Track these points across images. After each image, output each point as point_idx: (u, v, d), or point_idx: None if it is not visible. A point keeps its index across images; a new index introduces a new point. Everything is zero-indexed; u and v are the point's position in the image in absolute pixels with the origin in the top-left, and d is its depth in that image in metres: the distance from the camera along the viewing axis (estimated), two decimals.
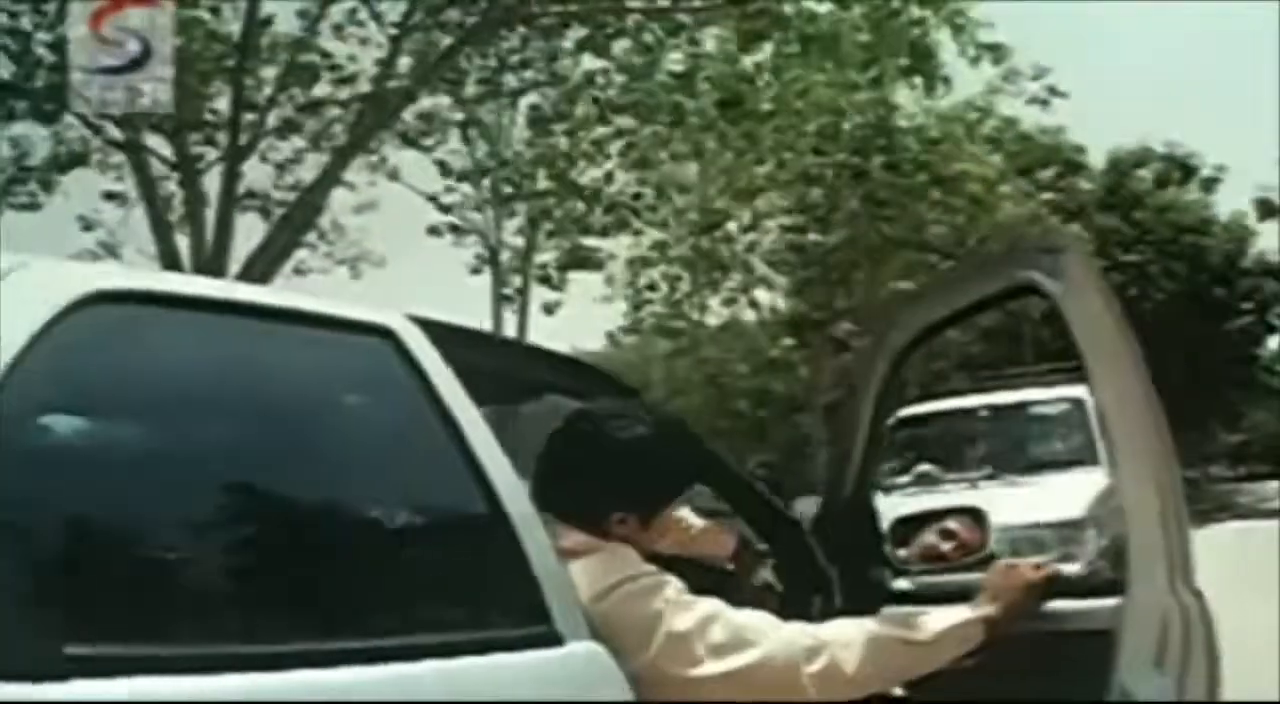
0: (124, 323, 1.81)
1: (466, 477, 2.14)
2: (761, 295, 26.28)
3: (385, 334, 2.16)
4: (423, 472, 2.22)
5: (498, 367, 2.75)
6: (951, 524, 3.58)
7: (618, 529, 2.55)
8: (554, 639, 2.14)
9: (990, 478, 11.29)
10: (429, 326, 2.26)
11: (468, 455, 2.15)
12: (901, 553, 3.47)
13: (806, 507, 3.60)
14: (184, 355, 1.92)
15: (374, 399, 2.21)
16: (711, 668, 2.36)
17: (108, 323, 1.77)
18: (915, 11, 14.16)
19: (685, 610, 2.39)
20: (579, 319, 20.96)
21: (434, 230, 19.65)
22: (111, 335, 1.78)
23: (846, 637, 2.48)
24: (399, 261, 19.97)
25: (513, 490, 2.19)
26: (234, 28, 14.05)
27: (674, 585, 2.43)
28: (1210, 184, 35.86)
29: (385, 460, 2.17)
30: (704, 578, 2.62)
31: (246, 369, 2.00)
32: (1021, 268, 2.94)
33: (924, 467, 11.68)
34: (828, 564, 3.28)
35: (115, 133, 13.98)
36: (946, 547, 3.48)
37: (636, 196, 18.25)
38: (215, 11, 13.86)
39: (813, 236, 23.67)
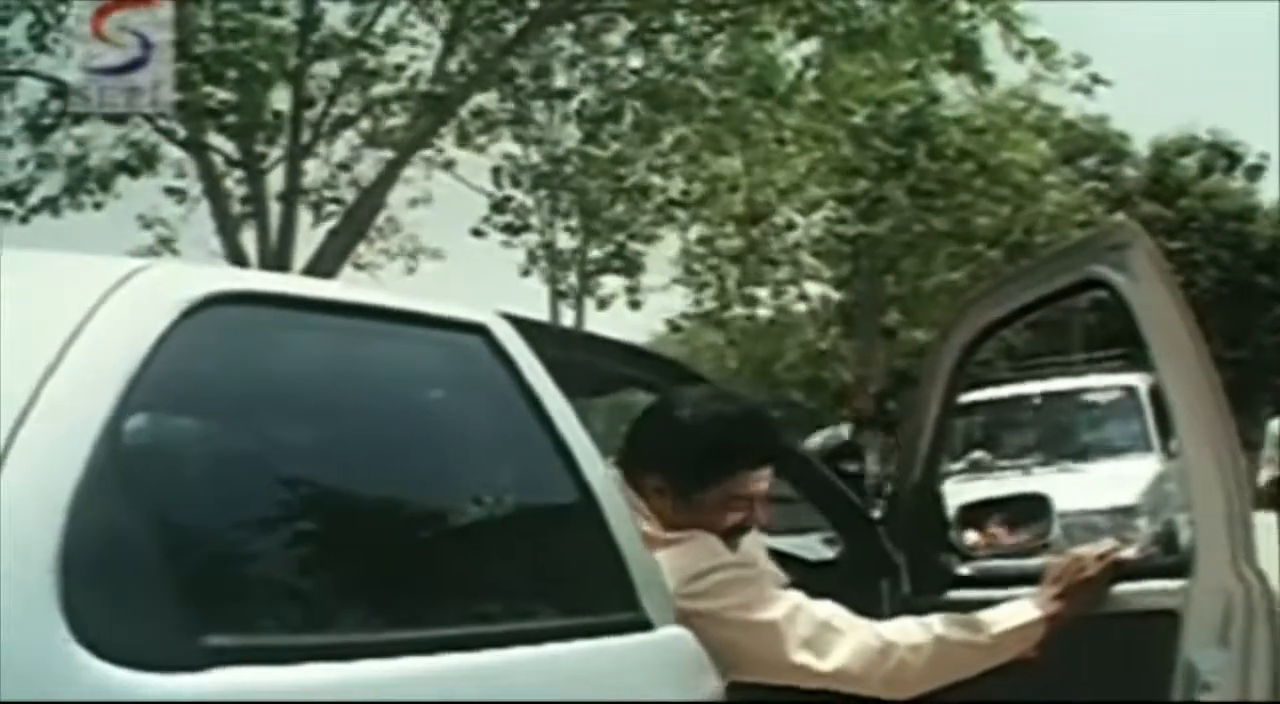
0: (242, 324, 1.85)
1: (559, 468, 2.20)
2: (810, 287, 26.25)
3: (480, 331, 2.22)
4: (519, 463, 2.29)
5: (581, 361, 2.83)
6: (1016, 511, 3.65)
7: (699, 495, 2.64)
8: (644, 625, 2.20)
9: (1043, 464, 11.31)
10: (518, 323, 2.32)
11: (560, 447, 2.20)
12: (967, 539, 3.54)
13: None
14: (299, 354, 1.99)
15: (472, 394, 2.27)
16: (800, 659, 2.47)
17: (227, 324, 1.81)
18: (964, 7, 14.12)
19: (775, 601, 2.50)
20: (627, 312, 20.79)
21: (477, 233, 19.41)
22: (231, 336, 1.83)
23: (913, 639, 2.59)
24: (455, 255, 19.86)
25: (603, 481, 2.25)
26: (284, 25, 14.13)
27: (764, 576, 2.54)
28: (1255, 171, 35.38)
29: (485, 453, 2.25)
30: None
31: (356, 367, 2.07)
32: (1088, 263, 2.98)
33: (976, 453, 11.71)
34: (895, 551, 3.37)
35: (181, 132, 14.09)
36: (1011, 533, 3.55)
37: (685, 193, 18.23)
38: (276, 12, 13.95)
39: (859, 228, 23.61)
